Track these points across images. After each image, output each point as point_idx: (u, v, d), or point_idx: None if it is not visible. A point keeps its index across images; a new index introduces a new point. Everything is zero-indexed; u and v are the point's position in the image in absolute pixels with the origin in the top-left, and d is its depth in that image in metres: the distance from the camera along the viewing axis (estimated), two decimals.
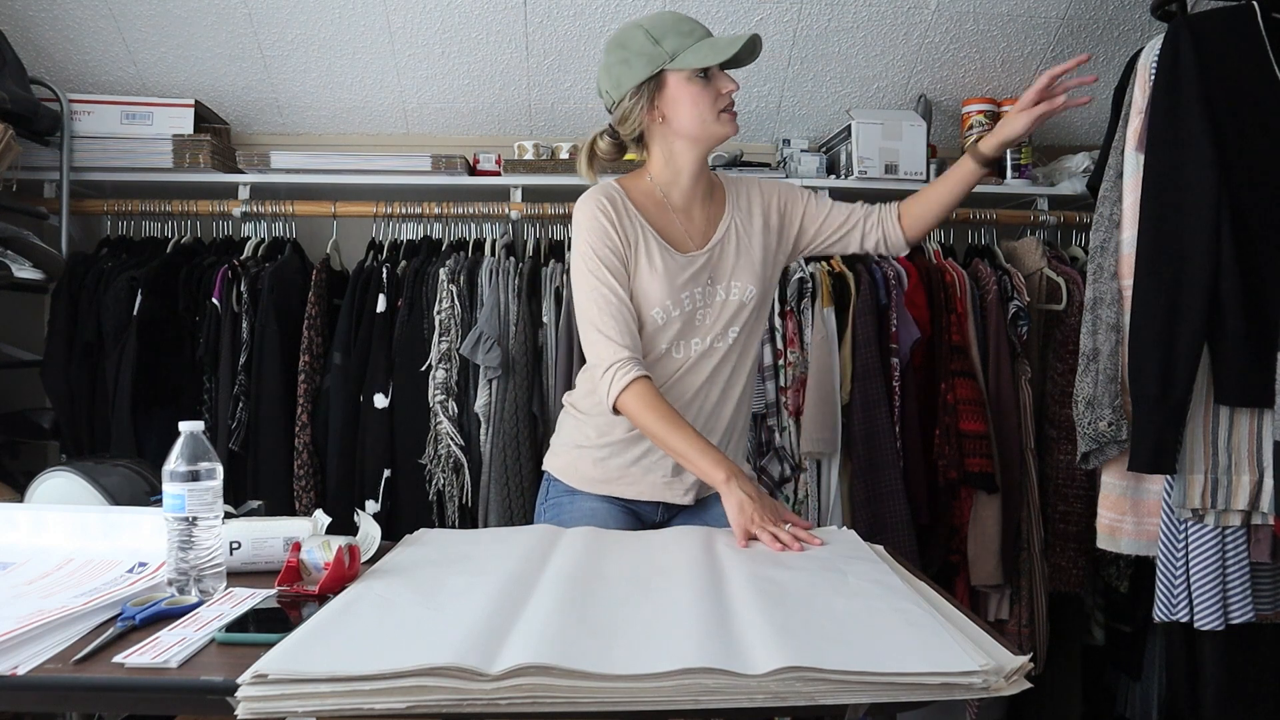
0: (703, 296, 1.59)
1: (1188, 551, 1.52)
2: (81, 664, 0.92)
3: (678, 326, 1.58)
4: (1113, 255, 1.59)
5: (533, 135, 2.88)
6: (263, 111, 2.83)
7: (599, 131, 1.67)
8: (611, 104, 1.59)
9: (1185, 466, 1.50)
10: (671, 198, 1.62)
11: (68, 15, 2.56)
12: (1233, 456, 1.50)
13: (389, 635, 0.95)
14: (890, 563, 1.28)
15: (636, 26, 1.55)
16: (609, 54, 1.57)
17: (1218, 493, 1.50)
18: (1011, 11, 2.62)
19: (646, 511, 1.65)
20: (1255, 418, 1.50)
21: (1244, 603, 1.50)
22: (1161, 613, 1.54)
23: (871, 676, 0.85)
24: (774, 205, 1.68)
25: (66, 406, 2.41)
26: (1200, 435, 1.51)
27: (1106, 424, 1.56)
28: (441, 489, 2.39)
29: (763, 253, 1.64)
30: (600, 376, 1.50)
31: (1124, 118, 1.60)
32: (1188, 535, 1.52)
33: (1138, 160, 1.56)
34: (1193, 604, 1.50)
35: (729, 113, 1.57)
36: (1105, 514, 1.61)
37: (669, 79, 1.54)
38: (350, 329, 2.42)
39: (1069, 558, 2.40)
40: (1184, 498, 1.50)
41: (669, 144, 1.60)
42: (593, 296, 1.53)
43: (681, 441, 1.45)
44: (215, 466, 1.14)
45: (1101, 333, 1.59)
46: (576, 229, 1.58)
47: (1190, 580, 1.51)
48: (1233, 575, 1.51)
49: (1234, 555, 1.51)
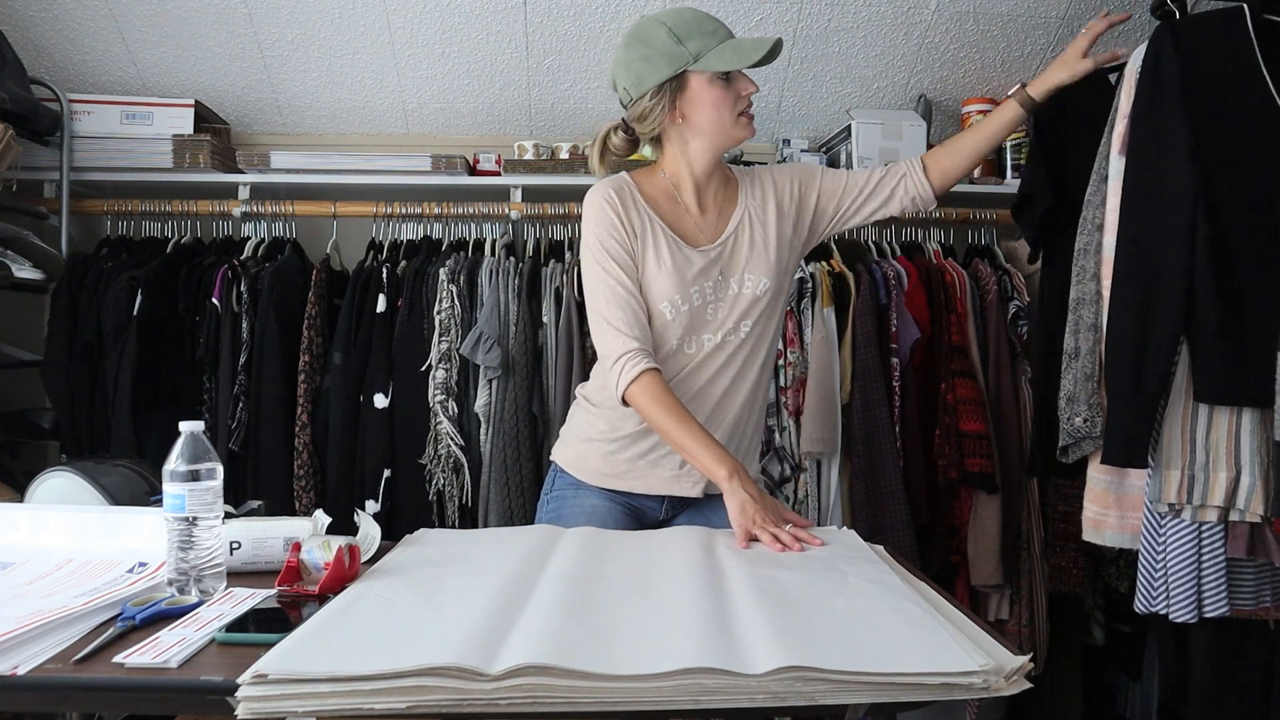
0: (714, 291, 1.59)
1: (1166, 545, 1.55)
2: (81, 664, 0.92)
3: (687, 321, 1.57)
4: (1094, 257, 1.63)
5: (533, 135, 2.88)
6: (263, 111, 2.83)
7: (612, 126, 1.64)
8: (629, 100, 1.58)
9: (1163, 462, 1.54)
10: (684, 192, 1.62)
11: (68, 15, 2.56)
12: (1210, 453, 1.53)
13: (389, 635, 0.95)
14: (890, 563, 1.28)
15: (658, 23, 1.53)
16: (628, 49, 1.55)
17: (1194, 488, 1.53)
18: (1011, 11, 2.62)
19: (650, 510, 1.65)
20: (1234, 416, 1.53)
21: (1218, 597, 1.53)
22: (1142, 604, 1.59)
23: (871, 676, 0.85)
24: (787, 190, 1.66)
25: (66, 406, 2.41)
26: (1179, 432, 1.54)
27: (1082, 420, 1.60)
28: (441, 489, 2.39)
29: (778, 241, 1.62)
30: (610, 368, 1.50)
31: (1110, 122, 1.63)
32: (1166, 529, 1.55)
33: (1120, 164, 1.58)
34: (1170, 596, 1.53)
35: (747, 115, 1.57)
36: (1090, 507, 1.64)
37: (691, 80, 1.53)
38: (350, 329, 2.43)
39: (1069, 558, 2.40)
40: (1160, 492, 1.53)
41: (685, 142, 1.59)
42: (601, 289, 1.53)
43: (687, 436, 1.45)
44: (215, 466, 1.14)
45: (1082, 332, 1.63)
46: (586, 221, 1.58)
47: (1168, 573, 1.54)
48: (1208, 570, 1.54)
49: (1209, 550, 1.55)
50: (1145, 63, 1.56)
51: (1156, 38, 1.55)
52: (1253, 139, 1.51)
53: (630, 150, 1.66)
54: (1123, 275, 1.54)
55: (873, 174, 1.69)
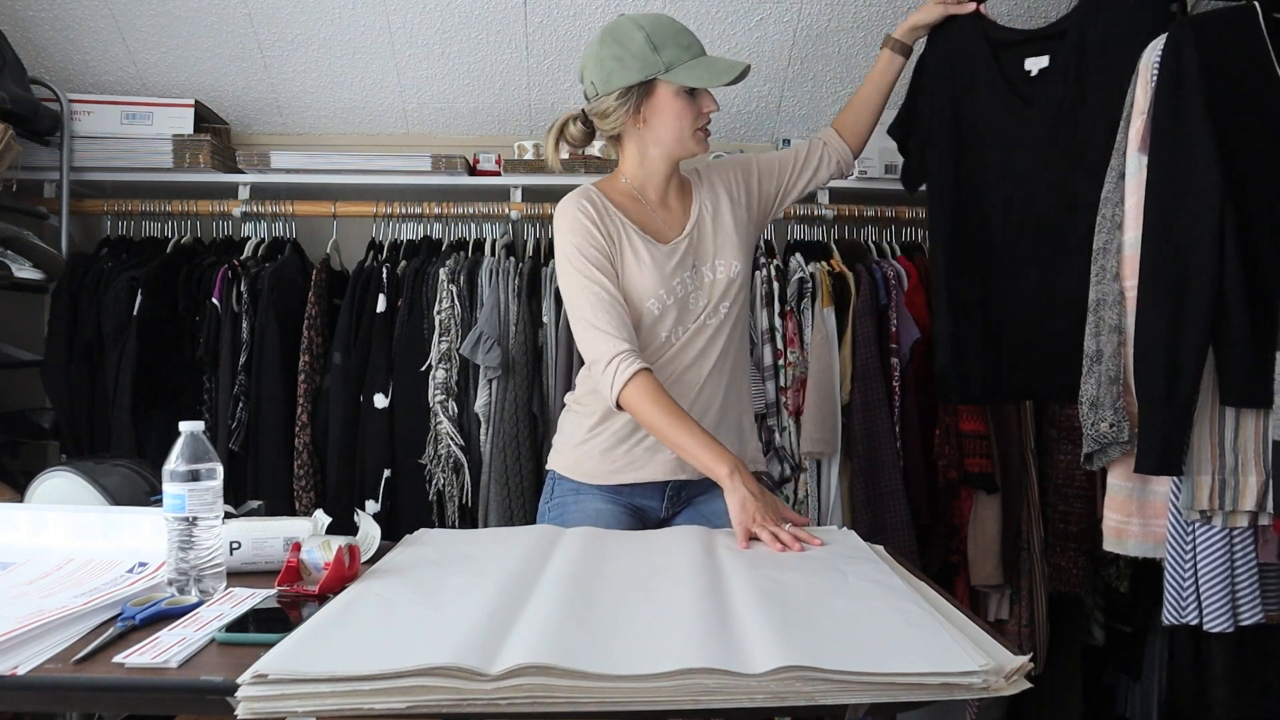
0: (692, 280, 1.63)
1: (1195, 553, 1.52)
2: (81, 664, 0.92)
3: (675, 314, 1.61)
4: (1115, 257, 1.60)
5: (533, 135, 2.87)
6: (263, 111, 2.83)
7: (571, 116, 1.71)
8: (594, 95, 1.61)
9: (1192, 468, 1.50)
10: (646, 194, 1.67)
11: (68, 15, 2.56)
12: (1239, 457, 1.50)
13: (389, 635, 0.95)
14: (890, 563, 1.28)
15: (637, 26, 1.56)
16: (603, 46, 1.58)
17: (1225, 494, 1.50)
18: (1011, 12, 2.62)
19: (651, 509, 1.65)
20: (1261, 418, 1.50)
21: (1253, 604, 1.50)
22: (1171, 615, 1.54)
23: (871, 676, 0.85)
24: (732, 180, 1.73)
25: (66, 406, 2.41)
26: (1207, 436, 1.51)
27: (1108, 425, 1.56)
28: (441, 489, 2.39)
29: (734, 225, 1.68)
30: (601, 373, 1.51)
31: (1126, 119, 1.60)
32: (1195, 537, 1.52)
33: (1140, 162, 1.56)
34: (1201, 606, 1.50)
35: (704, 131, 1.62)
36: (1112, 516, 1.60)
37: (659, 89, 1.58)
38: (350, 329, 2.43)
39: (1069, 558, 2.40)
40: (1192, 499, 1.50)
41: (644, 147, 1.64)
42: (584, 295, 1.54)
43: (685, 435, 1.46)
44: (215, 466, 1.14)
45: (1104, 334, 1.59)
46: (559, 234, 1.60)
47: (1199, 582, 1.51)
48: (1241, 576, 1.51)
49: (1242, 556, 1.51)
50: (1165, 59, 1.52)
51: (1175, 33, 1.53)
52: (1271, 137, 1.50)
53: (586, 142, 1.72)
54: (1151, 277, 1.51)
55: (799, 149, 1.80)
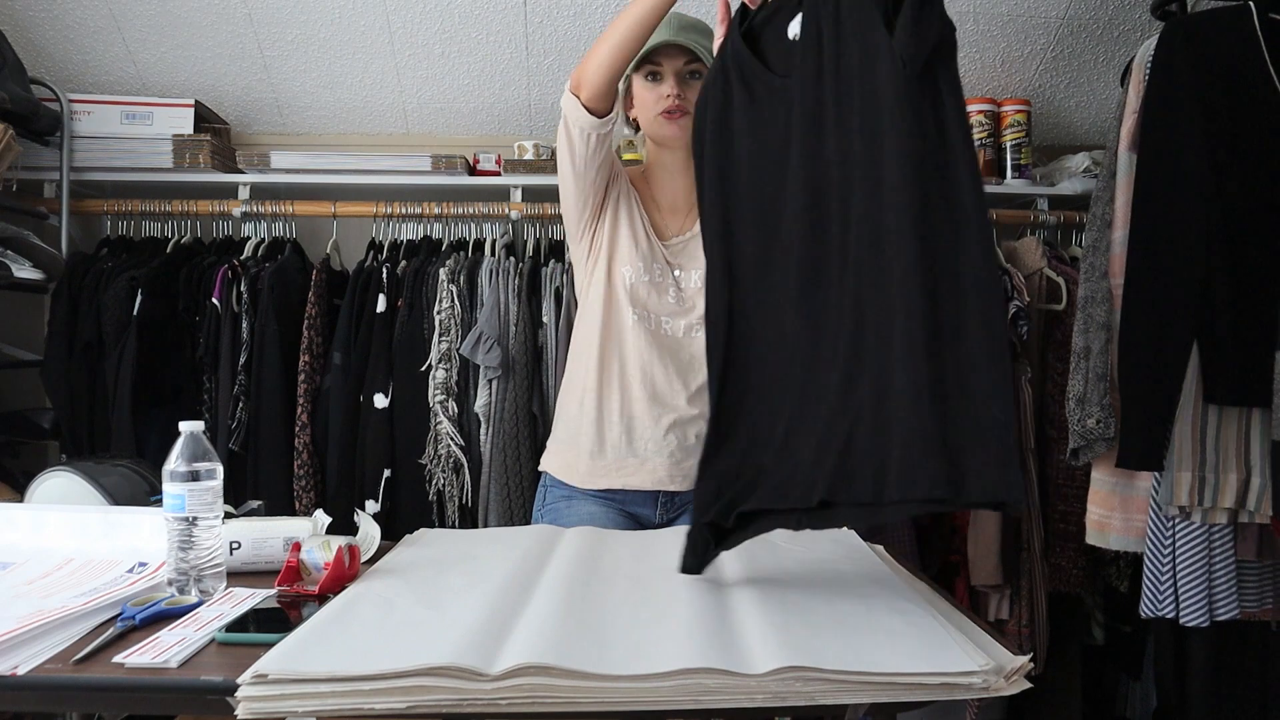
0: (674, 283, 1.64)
1: (1174, 548, 1.54)
2: (81, 664, 0.92)
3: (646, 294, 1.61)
4: (1104, 254, 1.61)
5: (533, 135, 2.87)
6: (263, 111, 2.83)
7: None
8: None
9: (1173, 464, 1.52)
10: (654, 188, 1.69)
11: (68, 15, 2.56)
12: (1220, 455, 1.52)
13: (389, 635, 0.95)
14: (890, 563, 1.28)
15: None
16: None
17: (1205, 490, 1.51)
18: (1011, 11, 2.62)
19: (645, 516, 1.65)
20: (1244, 416, 1.52)
21: (1229, 600, 1.52)
22: (1148, 608, 1.57)
23: (871, 676, 0.85)
24: None
25: (66, 406, 2.41)
26: (1189, 433, 1.53)
27: (1095, 421, 1.58)
28: (441, 489, 2.39)
29: None
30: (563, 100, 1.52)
31: (1118, 117, 1.61)
32: (1175, 532, 1.54)
33: (1130, 160, 1.57)
34: (1179, 600, 1.52)
35: (667, 115, 1.58)
36: (1094, 510, 1.63)
37: (634, 79, 1.63)
38: (350, 329, 2.42)
39: (1069, 558, 2.40)
40: (1171, 495, 1.52)
41: (647, 139, 1.70)
42: None
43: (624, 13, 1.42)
44: (215, 466, 1.14)
45: (1092, 331, 1.61)
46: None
47: (1176, 577, 1.53)
48: (1218, 572, 1.53)
49: (1220, 553, 1.53)
50: (1156, 57, 1.53)
51: (1167, 33, 1.53)
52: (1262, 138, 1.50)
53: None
54: (1137, 275, 1.52)
55: None
